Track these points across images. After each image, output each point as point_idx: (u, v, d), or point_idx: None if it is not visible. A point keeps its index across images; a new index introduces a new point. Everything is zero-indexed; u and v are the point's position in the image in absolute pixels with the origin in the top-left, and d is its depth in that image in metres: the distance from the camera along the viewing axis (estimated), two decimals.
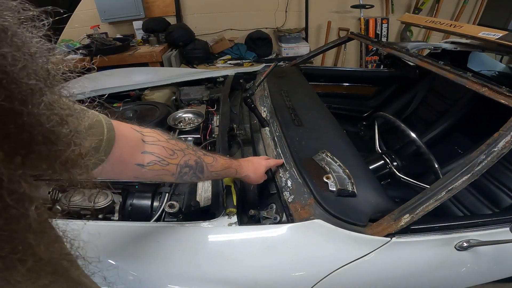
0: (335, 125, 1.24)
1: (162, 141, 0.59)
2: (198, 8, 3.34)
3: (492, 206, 1.32)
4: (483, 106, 1.58)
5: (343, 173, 0.94)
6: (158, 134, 0.61)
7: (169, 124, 1.30)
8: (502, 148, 0.79)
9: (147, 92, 1.73)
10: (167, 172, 0.60)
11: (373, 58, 3.38)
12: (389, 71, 2.12)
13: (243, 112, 1.44)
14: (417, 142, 1.21)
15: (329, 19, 3.43)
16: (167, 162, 0.59)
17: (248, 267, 0.79)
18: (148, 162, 0.56)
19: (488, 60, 1.98)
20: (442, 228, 0.87)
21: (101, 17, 3.12)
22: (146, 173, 0.56)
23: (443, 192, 0.79)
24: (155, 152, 0.57)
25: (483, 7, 3.43)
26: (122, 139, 0.49)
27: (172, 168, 0.61)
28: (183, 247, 0.80)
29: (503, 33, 1.24)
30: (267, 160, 0.94)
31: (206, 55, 3.18)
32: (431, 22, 1.60)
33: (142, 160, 0.55)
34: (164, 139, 0.61)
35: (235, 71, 1.87)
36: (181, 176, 0.63)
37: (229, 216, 0.84)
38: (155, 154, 0.57)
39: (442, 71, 1.17)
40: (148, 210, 0.94)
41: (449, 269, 0.90)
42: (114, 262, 0.77)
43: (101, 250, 0.79)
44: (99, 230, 0.84)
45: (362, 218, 0.84)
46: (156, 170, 0.58)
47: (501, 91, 0.92)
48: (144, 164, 0.55)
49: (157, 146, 0.58)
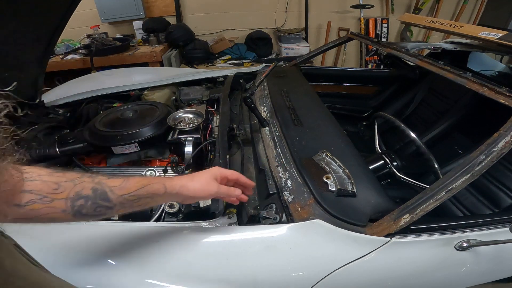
0: (335, 125, 1.24)
1: (43, 175, 0.52)
2: (198, 8, 3.34)
3: (492, 206, 1.32)
4: (483, 106, 1.58)
5: (343, 173, 0.94)
6: (39, 169, 0.53)
7: (169, 124, 1.30)
8: (502, 148, 0.78)
9: (147, 92, 1.73)
10: (54, 210, 0.52)
11: (373, 58, 3.38)
12: (389, 71, 2.12)
13: (243, 112, 1.44)
14: (417, 142, 1.21)
15: (329, 19, 3.43)
16: (50, 198, 0.51)
17: (248, 267, 0.79)
18: (26, 202, 0.49)
19: (488, 60, 1.98)
20: (442, 228, 0.87)
21: (101, 17, 3.13)
22: (28, 213, 0.50)
23: (443, 192, 0.79)
24: (34, 189, 0.50)
25: (483, 7, 3.43)
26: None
27: (59, 204, 0.52)
28: (183, 247, 0.80)
29: (503, 33, 1.24)
30: (219, 168, 0.74)
31: (206, 55, 3.18)
32: (431, 22, 1.60)
33: (19, 200, 0.49)
34: (45, 173, 0.53)
35: (235, 71, 1.87)
36: (77, 211, 0.54)
37: (229, 216, 0.84)
38: (34, 192, 0.50)
39: (442, 71, 1.17)
40: (148, 210, 0.95)
41: (449, 269, 0.90)
42: (114, 262, 0.77)
43: (101, 250, 0.79)
44: (99, 230, 0.84)
45: (362, 218, 0.84)
46: (38, 209, 0.50)
47: (501, 91, 0.92)
48: (21, 203, 0.49)
49: (38, 181, 0.51)
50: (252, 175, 1.10)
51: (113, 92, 1.73)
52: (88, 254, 0.79)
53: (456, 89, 1.73)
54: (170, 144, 1.28)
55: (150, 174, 1.12)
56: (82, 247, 0.80)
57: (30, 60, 1.40)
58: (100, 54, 2.78)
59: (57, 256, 0.78)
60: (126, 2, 3.08)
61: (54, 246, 0.80)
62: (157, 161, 1.32)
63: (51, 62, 1.88)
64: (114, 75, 2.09)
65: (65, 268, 0.76)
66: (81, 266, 0.76)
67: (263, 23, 3.41)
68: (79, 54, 2.87)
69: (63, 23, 1.38)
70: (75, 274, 0.75)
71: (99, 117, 1.37)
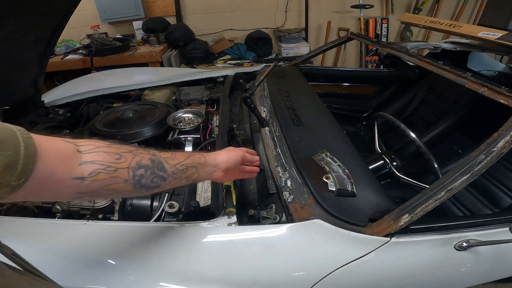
0: (335, 125, 1.24)
1: (102, 147, 0.52)
2: (198, 8, 3.34)
3: (492, 206, 1.32)
4: (483, 106, 1.58)
5: (343, 173, 0.94)
6: (95, 141, 0.53)
7: (169, 124, 1.30)
8: (502, 148, 0.78)
9: (147, 92, 1.74)
10: (117, 180, 0.52)
11: (373, 58, 3.38)
12: (389, 71, 2.12)
13: (243, 112, 1.44)
14: (417, 142, 1.21)
15: (329, 19, 3.43)
16: (114, 167, 0.51)
17: (248, 267, 0.79)
18: (90, 173, 0.48)
19: (488, 60, 1.97)
20: (441, 228, 0.87)
21: (101, 17, 3.13)
22: (90, 185, 0.49)
23: (442, 192, 0.79)
24: (96, 160, 0.50)
25: (483, 7, 3.43)
26: (50, 153, 0.43)
27: (122, 174, 0.52)
28: (182, 247, 0.80)
29: (503, 33, 1.24)
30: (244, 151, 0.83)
31: (206, 55, 3.19)
32: (431, 22, 1.60)
33: (81, 172, 0.48)
34: (104, 145, 0.53)
35: (235, 71, 1.87)
36: (138, 180, 0.55)
37: (228, 216, 0.84)
38: (97, 162, 0.50)
39: (442, 71, 1.17)
40: (148, 210, 0.95)
41: (449, 269, 0.90)
42: (114, 262, 0.77)
43: (101, 250, 0.79)
44: (99, 230, 0.84)
45: (362, 218, 0.84)
46: (102, 180, 0.50)
47: (500, 91, 0.92)
48: (84, 176, 0.48)
49: (98, 153, 0.51)
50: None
51: (113, 92, 1.73)
52: (88, 254, 0.79)
53: (456, 89, 1.73)
54: (170, 144, 1.28)
55: None
56: (82, 247, 0.80)
57: (30, 60, 1.40)
58: (100, 54, 2.78)
59: (57, 256, 0.78)
60: (126, 2, 3.08)
61: (54, 246, 0.80)
62: None
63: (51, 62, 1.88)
64: (114, 75, 2.09)
65: (65, 268, 0.76)
66: (81, 266, 0.76)
67: (263, 23, 3.41)
68: (79, 54, 2.87)
69: (63, 23, 1.38)
70: (75, 274, 0.75)
71: (99, 117, 1.37)
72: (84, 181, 0.48)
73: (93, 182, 0.49)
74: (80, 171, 0.48)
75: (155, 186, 0.58)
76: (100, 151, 0.51)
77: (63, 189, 0.46)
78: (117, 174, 0.52)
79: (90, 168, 0.49)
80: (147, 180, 0.57)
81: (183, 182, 0.66)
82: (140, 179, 0.55)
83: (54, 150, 0.44)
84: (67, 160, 0.46)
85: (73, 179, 0.47)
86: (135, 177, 0.54)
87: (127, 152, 0.55)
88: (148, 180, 0.57)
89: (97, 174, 0.49)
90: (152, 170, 0.57)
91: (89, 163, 0.49)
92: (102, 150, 0.51)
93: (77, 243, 0.81)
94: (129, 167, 0.54)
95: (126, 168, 0.53)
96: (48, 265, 0.76)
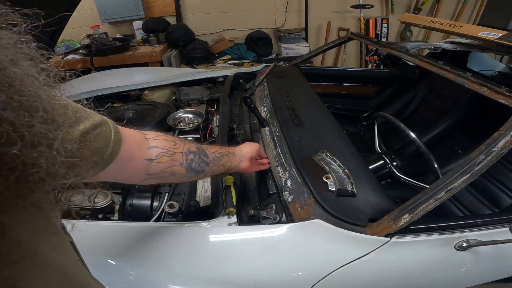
0: (335, 125, 1.24)
1: (161, 135, 0.61)
2: (198, 8, 3.34)
3: (492, 206, 1.32)
4: (483, 106, 1.58)
5: (343, 173, 0.94)
6: (155, 131, 0.63)
7: (169, 124, 1.30)
8: (502, 148, 0.79)
9: (147, 92, 1.74)
10: (175, 163, 0.61)
11: (373, 58, 3.38)
12: (389, 71, 2.12)
13: (243, 112, 1.44)
14: (416, 142, 1.21)
15: (329, 19, 3.43)
16: (172, 152, 0.61)
17: (248, 267, 0.79)
18: (156, 155, 0.57)
19: (488, 60, 1.97)
20: (441, 228, 0.87)
21: (101, 17, 3.13)
22: (156, 167, 0.57)
23: (442, 192, 0.79)
24: (159, 145, 0.59)
25: (483, 7, 3.43)
26: (129, 137, 0.50)
27: (179, 158, 0.62)
28: (182, 247, 0.80)
29: (503, 33, 1.24)
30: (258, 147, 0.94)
31: (206, 55, 3.18)
32: (431, 22, 1.60)
33: (150, 154, 0.56)
34: (162, 134, 0.62)
35: (235, 71, 1.87)
36: (189, 164, 0.64)
37: (228, 216, 0.84)
38: (160, 147, 0.59)
39: (441, 71, 1.17)
40: (148, 210, 0.95)
41: (449, 269, 0.90)
42: (114, 262, 0.77)
43: (101, 250, 0.79)
44: (99, 230, 0.84)
45: (362, 218, 0.84)
46: (165, 162, 0.59)
47: (500, 91, 0.92)
48: (152, 158, 0.56)
49: (160, 139, 0.60)
50: (252, 175, 1.10)
51: (113, 92, 1.73)
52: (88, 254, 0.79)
53: (456, 89, 1.73)
54: None
55: None
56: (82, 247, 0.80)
57: None
58: (100, 54, 2.78)
59: None
60: (126, 2, 3.08)
61: None
62: None
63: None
64: (114, 75, 2.09)
65: None
66: None
67: (263, 23, 3.41)
68: (79, 54, 2.87)
69: (63, 23, 1.38)
70: None
71: None
72: (152, 162, 0.56)
73: (158, 164, 0.57)
74: (149, 154, 0.56)
75: (201, 171, 0.68)
76: (161, 138, 0.60)
77: (136, 170, 0.54)
78: (175, 158, 0.61)
79: (156, 152, 0.57)
80: (196, 165, 0.66)
81: (220, 169, 0.76)
82: (191, 163, 0.64)
83: (131, 136, 0.52)
84: (140, 144, 0.55)
85: (145, 160, 0.55)
86: (187, 161, 0.63)
87: (179, 140, 0.64)
88: (196, 164, 0.66)
89: (161, 156, 0.58)
90: (199, 155, 0.67)
91: (154, 147, 0.57)
92: (163, 138, 0.60)
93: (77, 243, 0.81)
94: (182, 152, 0.63)
95: (180, 153, 0.62)
96: None
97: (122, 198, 0.97)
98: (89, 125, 0.39)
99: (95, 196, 0.97)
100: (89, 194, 0.99)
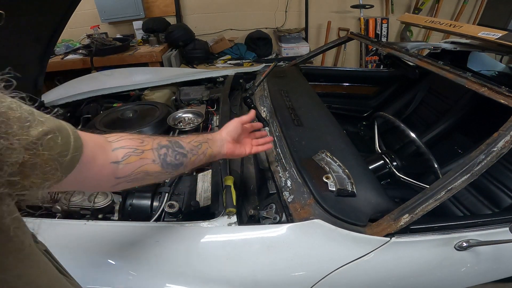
0: (335, 125, 1.24)
1: (125, 136, 0.58)
2: (198, 8, 3.34)
3: (492, 206, 1.32)
4: (483, 106, 1.58)
5: (343, 173, 0.94)
6: (119, 133, 0.59)
7: (169, 124, 1.30)
8: (502, 148, 0.79)
9: (147, 92, 1.74)
10: (146, 161, 0.58)
11: (373, 58, 3.38)
12: (389, 71, 2.12)
13: (243, 112, 1.44)
14: (416, 142, 1.21)
15: (329, 19, 3.43)
16: (140, 150, 0.57)
17: (248, 267, 0.79)
18: (122, 157, 0.54)
19: (488, 60, 1.97)
20: (441, 228, 0.87)
21: (101, 17, 3.13)
22: (124, 169, 0.54)
23: (442, 192, 0.79)
24: (124, 145, 0.56)
25: (483, 7, 3.43)
26: (90, 141, 0.47)
27: (149, 155, 0.58)
28: (182, 247, 0.80)
29: (502, 33, 1.24)
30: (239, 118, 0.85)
31: (206, 55, 3.18)
32: (431, 22, 1.60)
33: (116, 156, 0.53)
34: (126, 134, 0.59)
35: (235, 71, 1.87)
36: (163, 159, 0.60)
37: (228, 216, 0.84)
38: (126, 147, 0.55)
39: (441, 71, 1.17)
40: (148, 210, 0.95)
41: (449, 269, 0.90)
42: (114, 262, 0.77)
43: (101, 250, 0.79)
44: (99, 230, 0.84)
45: (362, 218, 0.84)
46: (134, 162, 0.55)
47: (500, 91, 0.92)
48: (119, 160, 0.53)
49: (124, 140, 0.57)
50: (252, 175, 1.10)
51: (113, 92, 1.73)
52: (88, 254, 0.79)
53: (456, 89, 1.73)
54: None
55: None
56: (82, 247, 0.80)
57: (30, 60, 1.40)
58: (100, 54, 2.78)
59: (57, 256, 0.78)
60: (126, 2, 3.08)
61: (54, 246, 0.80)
62: None
63: (51, 62, 1.88)
64: (114, 75, 2.09)
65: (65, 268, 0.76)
66: (81, 266, 0.76)
67: (263, 23, 3.41)
68: (79, 54, 2.87)
69: (63, 23, 1.38)
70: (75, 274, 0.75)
71: (99, 117, 1.37)
72: (119, 164, 0.53)
73: (127, 165, 0.55)
74: (115, 156, 0.53)
75: (179, 164, 0.64)
76: (125, 138, 0.57)
77: (103, 175, 0.51)
78: (145, 155, 0.58)
79: (121, 153, 0.54)
80: (172, 158, 0.62)
81: (201, 158, 0.71)
82: (165, 157, 0.61)
83: (92, 140, 0.49)
84: (103, 147, 0.52)
85: (111, 163, 0.52)
86: (160, 156, 0.60)
87: (146, 137, 0.61)
88: (172, 157, 0.62)
89: (129, 157, 0.55)
90: (172, 148, 0.63)
91: (119, 148, 0.55)
92: (127, 137, 0.58)
93: (77, 243, 0.81)
94: (152, 148, 0.59)
95: (150, 149, 0.59)
96: None
97: (122, 198, 0.97)
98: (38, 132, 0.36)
99: (95, 196, 0.97)
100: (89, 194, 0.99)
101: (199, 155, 0.69)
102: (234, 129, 0.81)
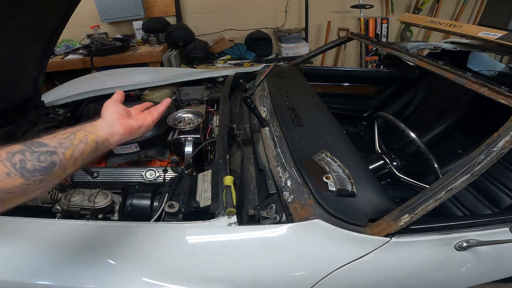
0: (335, 125, 1.24)
1: None
2: (198, 8, 3.35)
3: (492, 206, 1.32)
4: (483, 106, 1.58)
5: (343, 173, 0.94)
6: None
7: (169, 124, 1.30)
8: (502, 148, 0.78)
9: (147, 92, 1.74)
10: None
11: (373, 58, 3.38)
12: (389, 71, 2.12)
13: (243, 112, 1.44)
14: (417, 142, 1.21)
15: (329, 19, 3.43)
16: None
17: (248, 267, 0.79)
18: None
19: (488, 60, 1.97)
20: (441, 228, 0.87)
21: (101, 17, 3.13)
22: None
23: (442, 192, 0.79)
24: None
25: (483, 7, 3.43)
26: None
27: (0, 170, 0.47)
28: (182, 247, 0.80)
29: (503, 33, 1.24)
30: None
31: (206, 55, 3.19)
32: (431, 22, 1.60)
33: None
34: None
35: (235, 71, 1.87)
36: (22, 167, 0.48)
37: (228, 216, 0.84)
38: None
39: (441, 71, 1.17)
40: (148, 210, 0.95)
41: (449, 269, 0.90)
42: (114, 262, 0.77)
43: (101, 250, 0.79)
44: (99, 230, 0.84)
45: (362, 218, 0.84)
46: None
47: (500, 91, 0.92)
48: None
49: None
50: (252, 175, 1.10)
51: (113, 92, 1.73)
52: (88, 254, 0.79)
53: (456, 89, 1.73)
54: (170, 144, 1.28)
55: (150, 174, 1.12)
56: (82, 247, 0.80)
57: (30, 60, 1.40)
58: (100, 54, 2.78)
59: (57, 256, 0.78)
60: (126, 2, 3.08)
61: (54, 246, 0.80)
62: (157, 161, 1.32)
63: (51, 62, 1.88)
64: (114, 75, 2.10)
65: (65, 268, 0.76)
66: (81, 266, 0.76)
67: (263, 23, 3.41)
68: (79, 54, 2.87)
69: (63, 23, 1.38)
70: (75, 274, 0.75)
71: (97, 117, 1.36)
72: None
73: None
74: None
75: (50, 164, 0.51)
76: None
77: None
78: None
79: None
80: (33, 162, 0.49)
81: (82, 148, 0.56)
82: (24, 164, 0.48)
83: None
84: None
85: None
86: (15, 165, 0.47)
87: None
88: (33, 161, 0.49)
89: None
90: (30, 150, 0.50)
91: None
92: None
93: (77, 243, 0.81)
94: (1, 160, 0.47)
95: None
96: (48, 265, 0.77)
97: (122, 198, 0.97)
98: None
99: (95, 196, 0.97)
100: (89, 194, 0.99)
101: (77, 146, 0.55)
102: (114, 106, 0.69)
